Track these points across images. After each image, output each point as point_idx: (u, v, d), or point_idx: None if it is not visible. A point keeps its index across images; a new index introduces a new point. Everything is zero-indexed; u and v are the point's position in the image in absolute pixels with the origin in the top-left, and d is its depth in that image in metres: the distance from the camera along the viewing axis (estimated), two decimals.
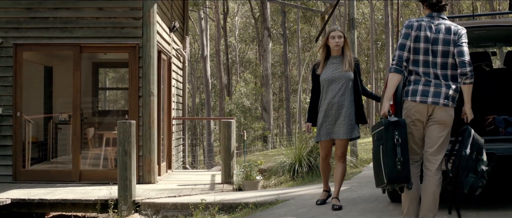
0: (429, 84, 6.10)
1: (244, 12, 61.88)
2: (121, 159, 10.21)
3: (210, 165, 30.42)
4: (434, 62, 6.10)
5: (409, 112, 6.18)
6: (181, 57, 17.14)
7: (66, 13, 12.48)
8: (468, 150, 6.07)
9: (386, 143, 5.96)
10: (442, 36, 6.11)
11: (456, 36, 6.11)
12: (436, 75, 6.10)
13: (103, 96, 20.48)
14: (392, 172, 5.91)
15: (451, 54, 6.09)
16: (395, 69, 6.13)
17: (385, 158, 5.94)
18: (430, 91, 6.07)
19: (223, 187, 11.97)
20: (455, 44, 6.09)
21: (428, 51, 6.10)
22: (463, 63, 6.01)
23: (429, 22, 6.18)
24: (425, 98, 6.07)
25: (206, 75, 41.27)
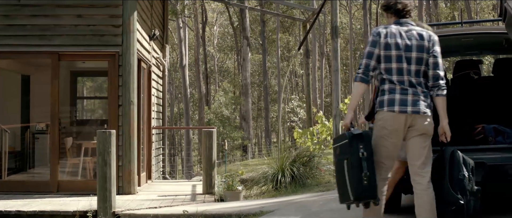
0: (407, 93, 5.78)
1: (223, 22, 61.80)
2: (100, 169, 9.99)
3: (189, 175, 30.20)
4: (409, 70, 5.82)
5: (386, 123, 5.80)
6: (161, 65, 16.94)
7: (44, 20, 12.24)
8: (466, 172, 5.88)
9: (351, 157, 5.67)
10: (415, 42, 5.87)
11: (430, 43, 5.91)
12: (411, 83, 5.82)
13: (81, 105, 20.21)
14: (358, 188, 5.63)
15: (424, 62, 5.87)
16: (361, 79, 5.83)
17: (351, 173, 5.67)
18: (409, 100, 5.76)
19: (205, 197, 11.78)
20: (429, 52, 5.88)
21: (401, 58, 5.82)
22: (437, 76, 5.87)
23: (398, 29, 5.93)
24: (404, 108, 5.74)
25: (185, 84, 41.09)
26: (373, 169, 5.67)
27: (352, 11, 56.43)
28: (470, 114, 7.52)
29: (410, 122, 5.76)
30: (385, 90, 5.86)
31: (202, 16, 48.65)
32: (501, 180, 6.99)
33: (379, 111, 5.86)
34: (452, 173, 5.85)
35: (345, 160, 5.72)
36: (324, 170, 13.58)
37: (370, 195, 5.66)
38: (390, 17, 6.11)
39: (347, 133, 5.74)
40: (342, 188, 5.79)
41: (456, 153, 5.92)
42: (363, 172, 5.59)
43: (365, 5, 44.09)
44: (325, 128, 15.52)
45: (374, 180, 5.66)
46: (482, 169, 6.86)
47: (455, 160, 5.89)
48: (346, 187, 5.71)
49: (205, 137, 12.56)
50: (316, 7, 26.98)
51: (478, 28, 8.57)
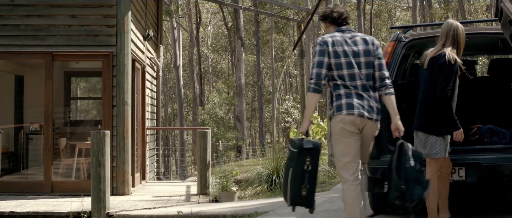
0: (362, 98, 6.11)
1: (217, 22, 61.76)
2: (94, 170, 9.94)
3: (183, 176, 30.16)
4: (360, 74, 6.13)
5: (346, 125, 6.08)
6: (155, 66, 16.90)
7: (38, 20, 12.18)
8: (412, 162, 6.10)
9: (296, 167, 5.98)
10: (362, 47, 6.19)
11: (374, 46, 6.25)
12: (365, 87, 6.14)
13: (75, 106, 20.15)
14: (296, 197, 6.02)
15: (372, 65, 6.20)
16: (314, 89, 6.08)
17: (293, 181, 6.01)
18: (364, 105, 6.09)
19: (199, 198, 11.75)
20: (374, 55, 6.21)
21: (351, 64, 6.11)
22: (383, 77, 6.20)
23: (343, 37, 6.23)
24: (362, 112, 6.06)
25: (179, 85, 41.03)
26: (314, 182, 6.07)
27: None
28: (466, 115, 7.50)
29: (363, 126, 6.11)
30: (341, 94, 6.13)
31: (196, 16, 48.60)
32: (497, 180, 6.98)
33: (337, 114, 6.11)
34: (399, 162, 6.14)
35: (291, 167, 6.05)
36: (319, 170, 13.55)
37: (305, 204, 6.12)
38: (329, 26, 6.46)
39: (298, 143, 6.03)
40: (284, 189, 6.17)
41: (404, 145, 6.19)
42: (303, 184, 5.98)
43: (359, 6, 44.11)
44: (319, 128, 15.49)
45: (313, 191, 6.08)
46: (478, 169, 6.86)
47: (403, 151, 6.15)
48: (287, 191, 6.09)
49: (199, 138, 12.52)
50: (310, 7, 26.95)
51: (474, 28, 8.54)
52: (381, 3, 57.17)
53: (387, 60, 7.57)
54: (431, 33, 8.27)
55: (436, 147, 6.57)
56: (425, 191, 6.08)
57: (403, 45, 7.72)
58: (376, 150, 7.30)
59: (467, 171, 6.95)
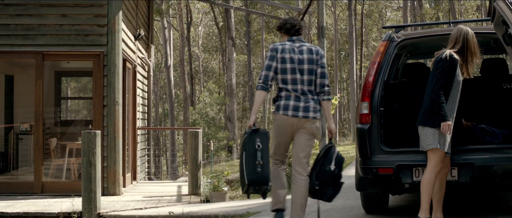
0: (300, 100, 6.88)
1: (207, 22, 61.69)
2: (85, 170, 9.89)
3: (174, 176, 30.08)
4: (302, 80, 6.92)
5: (281, 123, 6.91)
6: (146, 66, 16.84)
7: (28, 20, 12.12)
8: (333, 167, 6.97)
9: (248, 148, 6.77)
10: (306, 56, 6.98)
11: (318, 56, 7.05)
12: (303, 91, 6.92)
13: (65, 106, 20.08)
14: (252, 174, 6.71)
15: (314, 72, 6.99)
16: (262, 87, 6.90)
17: (247, 162, 6.74)
18: (301, 106, 6.85)
19: (191, 198, 11.72)
20: (317, 64, 7.01)
21: (295, 70, 6.90)
22: (323, 84, 7.02)
23: (292, 45, 7.03)
24: (296, 113, 6.84)
25: (170, 85, 40.95)
26: (267, 160, 6.78)
27: (337, 12, 56.53)
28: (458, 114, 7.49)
29: (301, 124, 6.87)
30: (282, 96, 6.96)
31: (187, 16, 48.50)
32: (489, 180, 6.97)
33: (276, 113, 6.97)
34: (323, 164, 7.00)
35: (244, 151, 6.83)
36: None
37: (262, 181, 6.78)
38: (283, 35, 7.25)
39: (247, 130, 6.91)
40: (241, 177, 6.88)
41: (331, 149, 7.06)
42: (257, 160, 6.70)
43: (350, 6, 44.14)
44: None
45: (267, 168, 6.79)
46: (471, 169, 6.85)
47: (329, 155, 7.03)
48: (243, 173, 6.79)
49: (190, 138, 12.48)
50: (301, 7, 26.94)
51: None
52: (371, 3, 57.24)
53: (379, 60, 7.56)
54: (424, 33, 8.27)
55: (428, 139, 6.65)
56: (337, 193, 7.08)
57: (395, 44, 7.71)
58: (369, 151, 7.29)
59: (460, 171, 6.94)
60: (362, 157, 7.40)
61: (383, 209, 8.06)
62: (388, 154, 7.25)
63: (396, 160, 7.11)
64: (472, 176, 6.86)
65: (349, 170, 14.39)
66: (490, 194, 9.30)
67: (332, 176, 6.98)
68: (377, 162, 7.24)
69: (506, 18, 6.10)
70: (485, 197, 9.19)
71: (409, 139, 7.39)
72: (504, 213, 7.88)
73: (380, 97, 7.41)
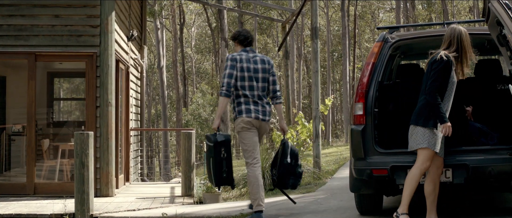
0: (257, 104, 8.06)
1: (200, 23, 61.65)
2: (78, 171, 9.82)
3: (167, 177, 30.03)
4: (257, 87, 8.09)
5: (246, 125, 8.01)
6: (139, 66, 16.79)
7: (20, 20, 12.05)
8: (289, 159, 8.24)
9: (215, 157, 7.95)
10: (260, 66, 8.17)
11: (270, 66, 8.28)
12: (259, 97, 8.10)
13: (58, 107, 20.00)
14: (219, 179, 8.03)
15: (267, 80, 8.20)
16: (225, 94, 7.98)
17: (214, 168, 7.99)
18: (259, 110, 8.04)
19: (184, 200, 11.67)
20: (269, 73, 8.24)
21: (252, 78, 8.05)
22: (275, 90, 8.32)
23: (247, 56, 8.14)
24: (257, 115, 8.01)
25: (163, 86, 40.89)
26: (230, 166, 8.05)
27: (330, 13, 56.54)
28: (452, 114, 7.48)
29: (258, 125, 8.06)
30: (241, 102, 8.04)
31: (180, 17, 48.47)
32: (484, 181, 6.97)
33: (239, 117, 8.04)
34: (281, 158, 8.28)
35: (211, 158, 7.99)
36: (304, 172, 13.50)
37: (228, 184, 8.19)
38: (237, 45, 8.33)
39: (213, 138, 7.98)
40: (209, 176, 8.21)
41: (286, 144, 8.35)
42: (223, 168, 7.97)
43: (343, 7, 44.17)
44: (305, 129, 15.45)
45: (231, 173, 8.10)
46: (465, 170, 6.84)
47: (284, 150, 8.30)
48: (212, 176, 8.06)
49: (184, 139, 12.44)
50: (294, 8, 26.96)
51: None
52: (364, 4, 57.31)
53: (373, 61, 7.55)
54: (418, 34, 8.26)
55: (418, 138, 6.70)
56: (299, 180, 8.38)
57: (389, 45, 7.70)
58: (363, 152, 7.28)
59: (454, 172, 6.93)
60: (356, 158, 7.39)
61: (377, 210, 8.05)
62: (382, 155, 7.24)
63: (391, 161, 7.11)
64: (466, 177, 6.86)
65: (343, 171, 14.42)
66: (484, 195, 9.30)
67: (290, 167, 8.25)
68: (371, 163, 7.23)
69: (500, 19, 6.09)
70: (479, 198, 9.19)
71: (403, 140, 7.38)
72: (498, 214, 7.89)
73: (374, 98, 7.40)
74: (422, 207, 6.86)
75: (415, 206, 6.73)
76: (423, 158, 6.67)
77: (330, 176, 13.93)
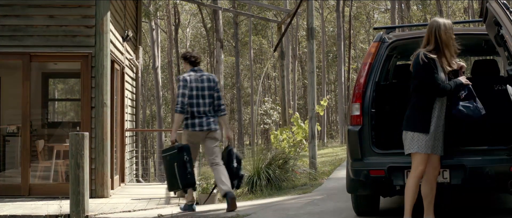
0: (202, 118, 9.29)
1: (195, 24, 61.61)
2: (73, 172, 9.75)
3: (162, 178, 29.92)
4: (204, 102, 9.33)
5: (192, 138, 9.37)
6: (134, 67, 16.74)
7: (15, 20, 11.99)
8: (235, 164, 9.55)
9: (179, 161, 9.03)
10: (206, 84, 9.40)
11: (215, 83, 9.50)
12: (205, 111, 9.35)
13: (53, 107, 19.94)
14: (185, 181, 9.07)
15: (212, 96, 9.43)
16: (180, 111, 9.20)
17: (179, 171, 9.03)
18: (205, 122, 9.29)
19: (179, 201, 11.60)
20: (214, 90, 9.45)
21: (199, 96, 9.29)
22: (220, 104, 9.55)
23: (195, 75, 9.39)
24: (202, 127, 9.27)
25: (158, 87, 40.84)
26: (192, 168, 9.20)
27: (325, 14, 56.56)
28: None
29: (207, 135, 9.37)
30: (189, 117, 9.29)
31: (175, 18, 48.40)
32: (481, 182, 6.93)
33: (185, 129, 9.38)
34: (228, 163, 9.49)
35: (175, 163, 9.06)
36: (300, 172, 13.47)
37: (192, 184, 9.29)
38: (186, 64, 9.58)
39: (176, 145, 9.15)
40: (172, 180, 9.18)
41: (231, 151, 9.61)
42: (187, 170, 9.05)
43: (338, 8, 44.17)
44: (301, 130, 15.41)
45: (193, 174, 9.27)
46: (462, 171, 6.81)
47: (230, 156, 9.57)
48: (177, 180, 9.08)
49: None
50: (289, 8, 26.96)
51: (457, 29, 8.48)
52: (359, 5, 57.36)
53: (370, 61, 7.52)
54: (415, 34, 8.22)
55: (407, 143, 6.68)
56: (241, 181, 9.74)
57: (386, 46, 7.67)
58: (360, 152, 7.25)
59: (452, 173, 6.91)
60: (353, 159, 7.35)
61: (374, 211, 8.02)
62: (380, 156, 7.21)
63: (388, 162, 7.08)
64: (464, 178, 6.83)
65: (339, 172, 14.37)
66: (482, 196, 9.28)
67: (236, 171, 9.53)
68: (368, 164, 7.20)
69: (498, 19, 6.06)
70: (477, 199, 9.17)
71: (400, 140, 7.33)
72: (495, 215, 7.87)
73: (371, 99, 7.37)
74: (420, 207, 6.82)
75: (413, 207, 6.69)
76: (416, 163, 6.63)
77: (326, 177, 13.88)
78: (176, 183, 9.10)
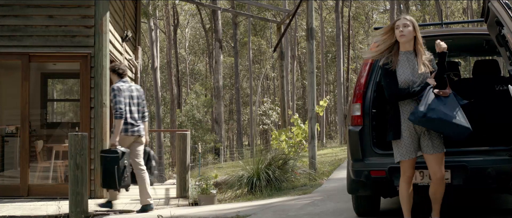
0: (135, 124, 10.12)
1: (194, 24, 61.58)
2: (72, 173, 9.73)
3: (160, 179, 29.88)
4: (136, 110, 10.19)
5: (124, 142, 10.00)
6: (133, 67, 16.70)
7: (14, 20, 11.96)
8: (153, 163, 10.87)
9: (119, 164, 9.74)
10: (135, 94, 10.24)
11: (141, 93, 10.40)
12: (136, 118, 10.18)
13: (51, 108, 19.88)
14: (123, 182, 9.86)
15: (140, 104, 10.31)
16: (120, 117, 9.83)
17: (118, 174, 9.75)
18: (136, 128, 10.14)
19: (179, 201, 11.60)
20: (141, 99, 10.38)
21: (131, 104, 10.08)
22: (144, 112, 10.45)
23: (126, 86, 10.11)
24: (133, 133, 10.09)
25: (157, 87, 40.80)
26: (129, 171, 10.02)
27: (323, 14, 56.54)
28: None
29: (136, 139, 10.20)
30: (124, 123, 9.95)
31: (174, 18, 48.37)
32: (483, 182, 6.90)
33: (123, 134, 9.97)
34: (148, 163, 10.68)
35: (116, 165, 9.73)
36: (299, 173, 13.43)
37: (127, 186, 10.07)
38: (114, 76, 10.24)
39: (120, 150, 9.80)
40: (111, 180, 9.84)
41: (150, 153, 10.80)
42: (125, 173, 9.89)
43: (337, 8, 44.15)
44: (300, 130, 15.38)
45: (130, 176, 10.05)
46: (464, 172, 6.77)
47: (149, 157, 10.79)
48: (115, 181, 9.79)
49: (179, 140, 12.36)
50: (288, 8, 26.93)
51: (458, 29, 8.47)
52: (358, 5, 57.33)
53: (371, 61, 7.48)
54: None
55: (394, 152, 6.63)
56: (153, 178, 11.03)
57: None
58: (361, 153, 7.21)
59: (453, 173, 6.86)
60: (354, 159, 7.31)
61: (374, 212, 7.99)
62: (381, 156, 7.16)
63: (389, 163, 7.03)
64: (465, 178, 6.79)
65: (339, 173, 14.34)
66: (483, 197, 9.25)
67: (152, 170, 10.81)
68: (369, 164, 7.15)
69: (500, 18, 6.02)
70: (478, 199, 9.14)
71: None
72: (496, 215, 7.84)
73: (372, 99, 7.32)
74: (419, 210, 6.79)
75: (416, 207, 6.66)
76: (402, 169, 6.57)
77: (326, 177, 13.84)
78: (113, 184, 9.84)
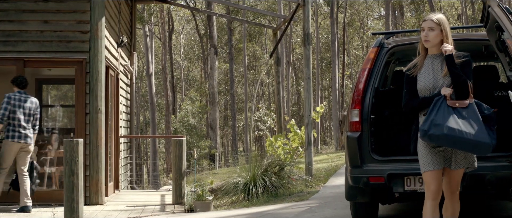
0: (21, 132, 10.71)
1: (189, 30, 61.53)
2: (67, 179, 9.66)
3: (155, 185, 29.83)
4: (24, 119, 10.77)
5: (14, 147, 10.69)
6: (128, 73, 16.63)
7: (9, 26, 11.88)
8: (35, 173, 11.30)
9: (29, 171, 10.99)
10: (28, 105, 10.81)
11: (36, 105, 10.97)
12: (25, 127, 10.75)
13: (46, 114, 19.78)
14: None
15: (32, 115, 10.90)
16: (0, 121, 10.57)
17: None
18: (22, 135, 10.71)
19: (175, 208, 11.51)
20: (35, 111, 10.98)
21: (21, 113, 10.77)
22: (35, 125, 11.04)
23: (20, 96, 10.80)
24: (20, 140, 10.66)
25: (152, 93, 40.73)
26: None
27: (319, 21, 56.54)
28: None
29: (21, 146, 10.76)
30: (10, 129, 10.66)
31: (169, 24, 48.33)
32: (481, 189, 6.85)
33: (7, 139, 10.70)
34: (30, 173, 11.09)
35: None
36: (296, 179, 13.36)
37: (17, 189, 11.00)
38: (14, 87, 10.90)
39: None
40: None
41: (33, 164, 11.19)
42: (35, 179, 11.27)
43: (332, 14, 44.17)
44: (297, 136, 15.32)
45: None
46: (463, 178, 6.70)
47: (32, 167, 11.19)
48: None
49: (174, 146, 12.29)
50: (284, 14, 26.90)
51: (457, 34, 8.43)
52: (353, 12, 57.37)
53: (370, 67, 7.43)
54: (413, 40, 8.13)
55: None
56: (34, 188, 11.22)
57: (386, 51, 7.58)
58: (359, 159, 7.15)
59: None
60: (353, 165, 7.25)
61: None
62: (379, 162, 7.11)
63: (387, 169, 6.97)
64: (464, 184, 6.73)
65: (336, 179, 14.27)
66: (482, 203, 9.20)
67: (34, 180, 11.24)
68: (368, 171, 7.10)
69: (501, 23, 5.97)
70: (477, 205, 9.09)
71: (400, 147, 7.26)
72: None
73: (370, 105, 7.27)
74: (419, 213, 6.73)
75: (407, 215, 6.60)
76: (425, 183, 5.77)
77: (323, 184, 13.76)
78: None
